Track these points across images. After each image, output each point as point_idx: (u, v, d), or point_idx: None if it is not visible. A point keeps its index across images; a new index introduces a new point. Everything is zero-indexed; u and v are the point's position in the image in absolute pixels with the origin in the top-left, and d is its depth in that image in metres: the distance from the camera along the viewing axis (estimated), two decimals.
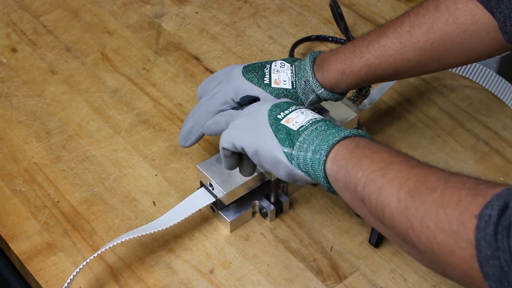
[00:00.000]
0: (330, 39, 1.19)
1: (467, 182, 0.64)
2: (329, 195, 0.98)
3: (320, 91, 0.89)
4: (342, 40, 1.18)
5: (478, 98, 1.11)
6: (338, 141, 0.75)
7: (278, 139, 0.79)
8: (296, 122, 0.79)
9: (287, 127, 0.79)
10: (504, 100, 1.09)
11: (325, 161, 0.75)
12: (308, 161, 0.76)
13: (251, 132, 0.82)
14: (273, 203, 0.94)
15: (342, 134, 0.76)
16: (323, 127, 0.78)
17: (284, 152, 0.78)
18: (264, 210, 0.94)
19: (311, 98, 0.90)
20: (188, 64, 1.16)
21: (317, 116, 0.81)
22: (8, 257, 0.97)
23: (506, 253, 0.58)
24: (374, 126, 1.07)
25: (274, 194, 0.94)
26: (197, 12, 1.25)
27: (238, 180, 0.91)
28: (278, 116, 0.81)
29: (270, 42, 1.20)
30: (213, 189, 0.92)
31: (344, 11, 1.18)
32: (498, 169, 1.01)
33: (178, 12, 1.25)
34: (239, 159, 0.87)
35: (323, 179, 0.76)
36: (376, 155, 0.72)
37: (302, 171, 0.78)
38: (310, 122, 0.79)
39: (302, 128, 0.78)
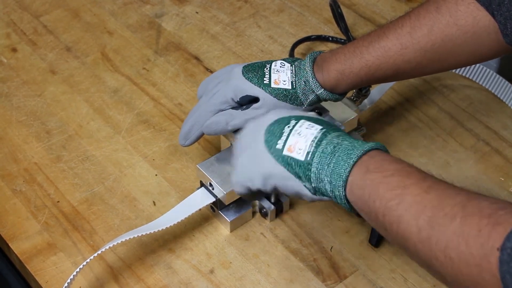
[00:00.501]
0: (330, 39, 1.19)
1: (485, 208, 0.63)
2: None
3: (319, 92, 0.89)
4: (342, 40, 1.18)
5: (478, 98, 1.11)
6: (350, 172, 0.73)
7: (293, 174, 0.76)
8: (299, 149, 0.76)
9: (294, 158, 0.76)
10: (504, 100, 1.09)
11: (345, 195, 0.74)
12: (330, 193, 0.75)
13: (259, 170, 0.79)
14: (273, 203, 0.94)
15: (351, 162, 0.73)
16: (328, 149, 0.74)
17: (304, 186, 0.76)
18: (264, 210, 0.94)
19: (311, 98, 0.90)
20: (188, 64, 1.16)
21: (314, 130, 0.77)
22: (8, 257, 0.97)
23: None
24: (374, 126, 1.07)
25: (275, 194, 0.94)
26: (197, 12, 1.25)
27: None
28: (277, 147, 0.77)
29: (270, 42, 1.20)
30: (213, 189, 0.92)
31: (344, 11, 1.18)
32: (498, 169, 1.01)
33: (178, 12, 1.25)
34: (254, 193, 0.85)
35: (350, 210, 0.75)
36: (389, 179, 0.70)
37: (328, 197, 0.76)
38: (314, 145, 0.75)
39: (309, 156, 0.75)
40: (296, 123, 0.78)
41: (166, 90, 1.12)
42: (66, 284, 0.85)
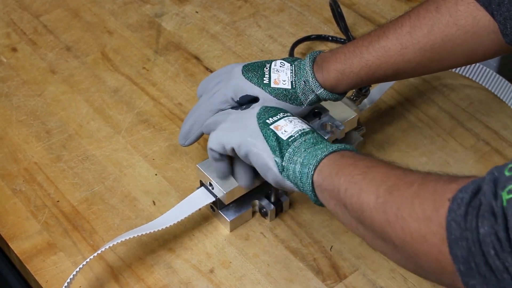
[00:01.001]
0: (330, 38, 1.19)
1: (445, 176, 0.65)
2: None
3: (319, 91, 0.89)
4: (342, 40, 1.18)
5: (478, 97, 1.11)
6: (325, 156, 0.77)
7: (269, 146, 0.80)
8: (285, 131, 0.81)
9: (276, 134, 0.81)
10: (504, 100, 1.09)
11: (312, 174, 0.77)
12: (297, 174, 0.78)
13: (240, 133, 0.83)
14: (273, 203, 0.94)
15: (330, 149, 0.77)
16: (311, 140, 0.80)
17: (275, 161, 0.80)
18: (264, 209, 0.94)
19: (311, 98, 0.90)
20: (188, 63, 1.16)
21: (305, 126, 0.82)
22: (8, 256, 0.97)
23: (474, 233, 0.58)
24: (374, 125, 1.07)
25: (275, 194, 0.94)
26: (197, 12, 1.25)
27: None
28: (267, 121, 0.82)
29: (270, 41, 1.20)
30: (213, 188, 0.92)
31: (344, 11, 1.18)
32: None
33: (178, 11, 1.25)
34: (230, 164, 0.88)
35: (310, 192, 0.78)
36: (360, 162, 0.74)
37: (291, 182, 0.80)
38: (299, 133, 0.80)
39: (291, 138, 0.80)
40: (292, 115, 0.83)
41: (166, 89, 1.12)
42: (66, 284, 0.85)
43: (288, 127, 0.81)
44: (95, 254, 0.87)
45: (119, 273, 0.90)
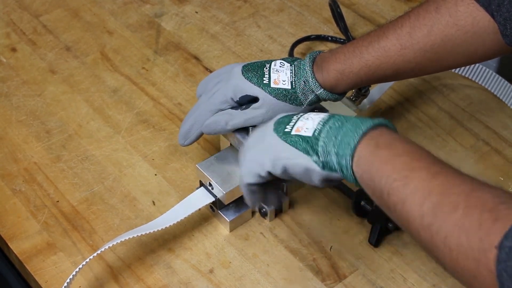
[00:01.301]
0: (330, 38, 1.19)
1: (488, 201, 0.63)
2: (329, 195, 0.98)
3: (319, 91, 0.89)
4: (342, 40, 1.18)
5: (478, 97, 1.11)
6: (358, 142, 0.72)
7: (301, 151, 0.76)
8: (307, 129, 0.76)
9: (301, 136, 0.76)
10: (503, 100, 1.09)
11: (351, 166, 0.73)
12: (336, 165, 0.74)
13: (268, 154, 0.78)
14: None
15: (360, 132, 0.72)
16: (336, 124, 0.74)
17: (314, 161, 0.75)
18: (264, 209, 0.94)
19: (310, 98, 0.90)
20: (188, 63, 1.16)
21: (323, 115, 0.78)
22: (7, 256, 0.97)
23: None
24: None
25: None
26: (196, 12, 1.25)
27: (238, 179, 0.91)
28: (286, 130, 0.78)
29: (270, 41, 1.20)
30: (212, 188, 0.92)
31: (344, 11, 1.18)
32: (498, 169, 1.01)
33: (178, 11, 1.25)
34: (264, 190, 0.84)
35: (353, 181, 0.74)
36: (398, 159, 0.70)
37: (336, 172, 0.75)
38: (321, 123, 0.76)
39: (317, 132, 0.75)
40: (304, 114, 0.79)
41: (166, 89, 1.12)
42: (65, 284, 0.85)
43: (308, 124, 0.77)
44: (95, 254, 0.87)
45: (118, 273, 0.90)
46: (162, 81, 1.13)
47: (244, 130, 0.92)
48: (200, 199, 0.93)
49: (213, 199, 0.92)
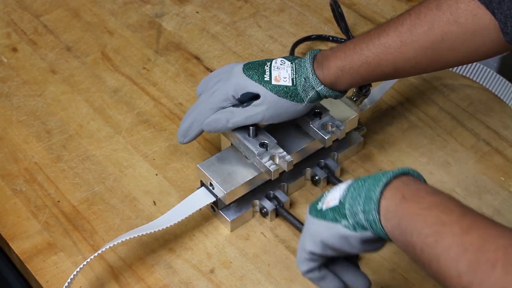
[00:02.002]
0: (331, 38, 1.19)
1: None
2: None
3: (319, 88, 0.89)
4: (343, 40, 1.18)
5: (478, 97, 1.11)
6: (381, 194, 0.69)
7: (332, 221, 0.73)
8: (335, 198, 0.74)
9: (330, 207, 0.74)
10: (504, 100, 1.09)
11: (380, 220, 0.70)
12: (366, 223, 0.71)
13: (308, 235, 0.76)
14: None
15: (381, 184, 0.69)
16: (359, 183, 0.72)
17: (344, 226, 0.72)
18: (265, 209, 0.94)
19: (311, 95, 0.90)
20: (189, 63, 1.16)
21: (350, 180, 0.75)
22: (8, 256, 0.97)
23: None
24: (375, 125, 1.07)
25: (273, 194, 0.95)
26: (197, 12, 1.25)
27: (239, 179, 0.92)
28: (318, 208, 0.75)
29: (270, 41, 1.20)
30: (213, 188, 0.92)
31: (345, 11, 1.18)
32: (499, 169, 1.01)
33: (179, 11, 1.25)
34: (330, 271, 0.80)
35: (385, 236, 0.70)
36: (427, 213, 0.67)
37: (368, 230, 0.71)
38: (346, 188, 0.73)
39: (342, 197, 0.73)
40: (334, 187, 0.76)
41: (167, 90, 1.12)
42: (66, 284, 0.85)
43: (335, 194, 0.74)
44: (96, 254, 0.87)
45: (119, 273, 0.90)
46: (162, 81, 1.13)
47: (245, 129, 0.92)
48: (200, 199, 0.93)
49: (214, 199, 0.92)
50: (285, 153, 0.92)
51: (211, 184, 0.92)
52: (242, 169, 0.93)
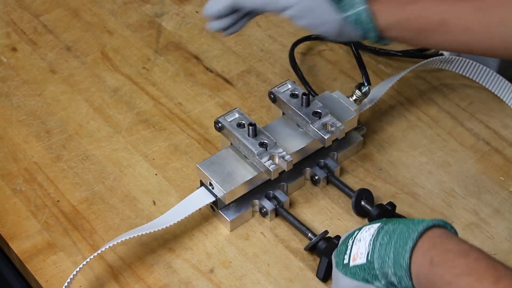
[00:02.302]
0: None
1: None
2: (329, 195, 0.98)
3: (364, 11, 0.85)
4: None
5: (478, 97, 1.11)
6: (410, 259, 0.69)
7: (362, 281, 0.73)
8: (361, 254, 0.73)
9: (358, 265, 0.73)
10: (504, 100, 1.09)
11: (412, 285, 0.69)
12: (399, 285, 0.70)
13: None
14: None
15: (408, 249, 0.69)
16: (385, 239, 0.71)
17: (376, 287, 0.72)
18: (264, 209, 0.94)
19: (351, 12, 0.85)
20: (188, 63, 1.16)
21: (373, 228, 0.74)
22: (8, 256, 0.97)
23: None
24: (374, 125, 1.07)
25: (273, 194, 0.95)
26: (197, 12, 1.25)
27: (238, 179, 0.92)
28: (345, 262, 0.75)
29: (270, 41, 1.20)
30: (213, 188, 0.92)
31: None
32: (498, 169, 1.01)
33: (178, 11, 1.25)
34: None
35: None
36: (460, 280, 0.66)
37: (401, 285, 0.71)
38: (372, 243, 0.72)
39: (369, 255, 0.72)
40: (358, 232, 0.76)
41: (166, 89, 1.12)
42: (66, 284, 0.85)
43: (361, 247, 0.73)
44: (95, 254, 0.87)
45: (119, 273, 0.90)
46: (162, 81, 1.13)
47: (245, 128, 0.92)
48: (200, 198, 0.93)
49: (214, 198, 0.92)
50: (284, 152, 0.92)
51: (210, 184, 0.92)
52: (241, 168, 0.93)
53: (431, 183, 1.00)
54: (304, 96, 0.96)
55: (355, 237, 0.76)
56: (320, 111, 0.96)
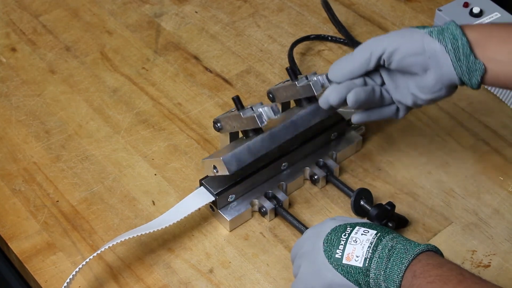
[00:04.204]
0: (330, 38, 1.19)
1: None
2: (329, 195, 0.98)
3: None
4: (342, 40, 1.18)
5: (477, 97, 1.11)
6: (402, 277, 0.74)
7: (353, 282, 0.76)
8: (357, 257, 0.76)
9: (353, 266, 0.76)
10: (503, 100, 1.09)
11: None
12: None
13: (320, 279, 0.78)
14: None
15: (403, 268, 0.74)
16: (384, 253, 0.75)
17: None
18: (264, 209, 0.94)
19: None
20: (188, 63, 1.16)
21: (369, 234, 0.78)
22: (7, 256, 0.97)
23: None
24: (374, 125, 1.07)
25: (272, 193, 0.95)
26: (196, 12, 1.25)
27: (240, 147, 0.91)
28: (337, 256, 0.77)
29: (269, 41, 1.20)
30: (217, 172, 0.90)
31: (344, 11, 1.18)
32: (498, 169, 1.01)
33: (178, 11, 1.25)
34: None
35: None
36: (430, 286, 0.72)
37: None
38: (370, 251, 0.76)
39: (367, 261, 0.76)
40: (352, 230, 0.79)
41: (166, 89, 1.12)
42: (65, 284, 0.85)
43: (357, 250, 0.77)
44: (95, 254, 0.87)
45: (118, 273, 0.90)
46: (161, 81, 1.13)
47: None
48: (199, 198, 0.93)
49: (213, 198, 0.92)
50: (273, 104, 0.91)
51: (215, 167, 0.91)
52: (240, 145, 0.92)
53: (430, 183, 1.00)
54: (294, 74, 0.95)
55: (349, 235, 0.78)
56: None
